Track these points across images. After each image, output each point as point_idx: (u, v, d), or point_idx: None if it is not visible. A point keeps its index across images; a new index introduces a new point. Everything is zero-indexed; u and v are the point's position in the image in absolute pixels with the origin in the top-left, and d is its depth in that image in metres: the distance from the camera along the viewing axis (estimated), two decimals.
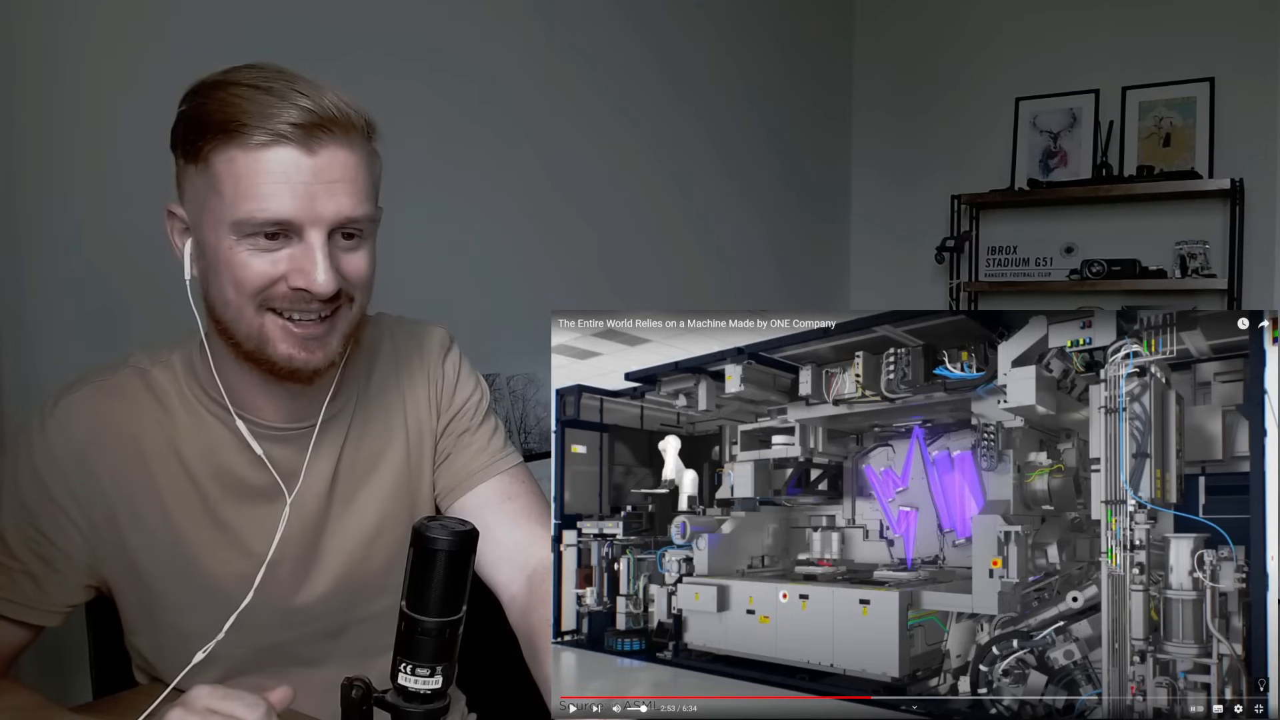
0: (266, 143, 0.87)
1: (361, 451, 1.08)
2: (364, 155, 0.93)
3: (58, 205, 1.62)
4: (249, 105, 0.87)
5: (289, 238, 0.90)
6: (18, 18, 1.57)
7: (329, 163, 0.89)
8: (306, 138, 0.88)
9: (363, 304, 0.99)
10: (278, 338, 0.93)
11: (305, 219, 0.89)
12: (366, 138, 0.94)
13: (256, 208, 0.88)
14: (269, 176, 0.88)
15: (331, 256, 0.91)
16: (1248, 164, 3.30)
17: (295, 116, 0.87)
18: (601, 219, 2.83)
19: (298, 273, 0.90)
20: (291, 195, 0.88)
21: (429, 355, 1.14)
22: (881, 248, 4.04)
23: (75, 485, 0.98)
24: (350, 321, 0.98)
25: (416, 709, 0.73)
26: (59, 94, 1.62)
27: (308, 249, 0.90)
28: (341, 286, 0.93)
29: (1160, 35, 3.47)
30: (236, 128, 0.87)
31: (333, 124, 0.89)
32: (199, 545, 1.01)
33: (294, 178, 0.88)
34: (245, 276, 0.90)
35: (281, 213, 0.88)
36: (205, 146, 0.89)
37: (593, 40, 2.76)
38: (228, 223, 0.89)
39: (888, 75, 4.01)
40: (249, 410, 1.01)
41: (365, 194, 0.93)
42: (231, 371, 0.99)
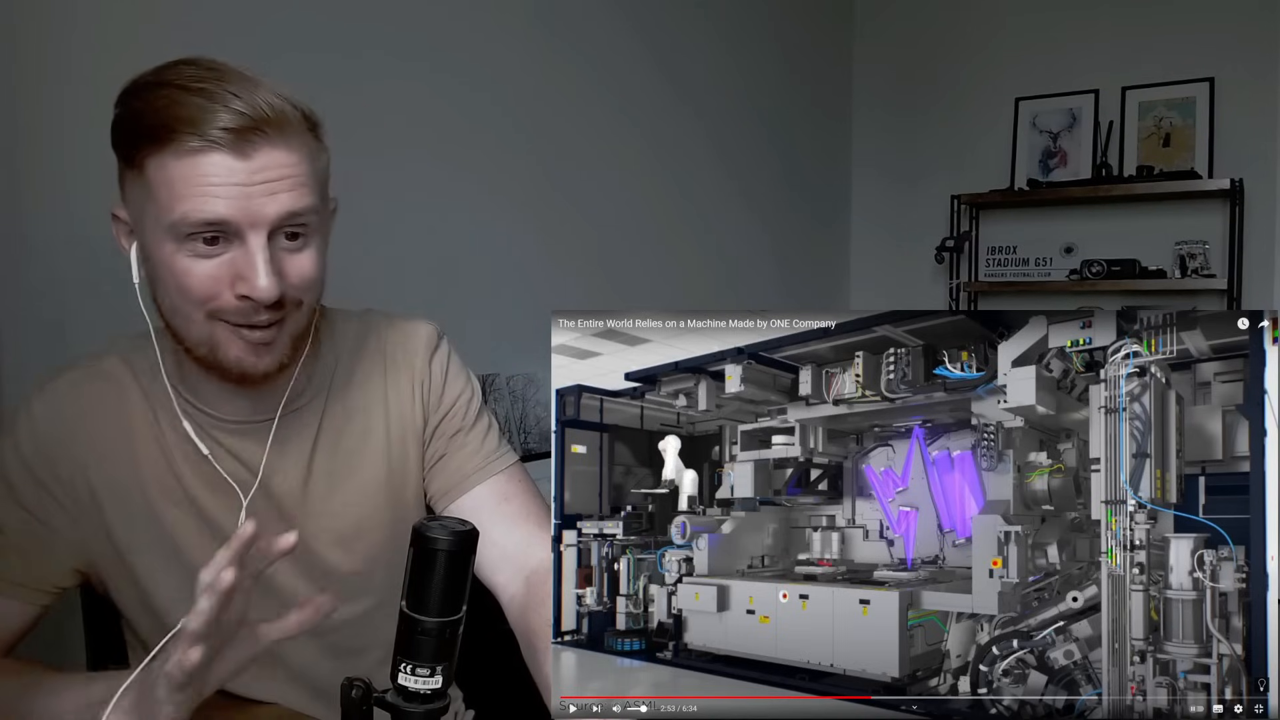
0: (198, 149, 0.85)
1: (339, 451, 1.07)
2: (304, 151, 0.91)
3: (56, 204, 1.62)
4: (179, 110, 0.86)
5: (229, 241, 0.89)
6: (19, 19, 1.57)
7: (264, 164, 0.88)
8: (239, 141, 0.86)
9: (311, 304, 0.98)
10: (227, 343, 0.93)
11: (243, 221, 0.88)
12: (308, 132, 0.93)
13: (191, 209, 0.86)
14: (202, 180, 0.86)
15: (275, 259, 0.90)
16: (1247, 164, 3.30)
17: (227, 120, 0.85)
18: (601, 219, 2.83)
19: (239, 279, 0.89)
20: (226, 197, 0.86)
21: (414, 353, 1.12)
22: (881, 248, 4.04)
23: (59, 466, 0.99)
24: (299, 323, 0.97)
25: (416, 709, 0.73)
26: (59, 95, 1.62)
27: (248, 253, 0.88)
28: (285, 291, 0.91)
29: (1160, 35, 3.47)
30: (167, 134, 0.86)
31: (266, 124, 0.87)
32: (179, 529, 1.02)
33: (228, 181, 0.86)
34: (189, 284, 0.89)
35: (215, 214, 0.87)
36: (139, 153, 0.88)
37: (593, 40, 2.76)
38: (164, 227, 0.88)
39: (888, 75, 4.01)
40: (208, 404, 1.02)
41: (306, 189, 0.91)
42: (187, 368, 1.00)
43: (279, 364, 0.96)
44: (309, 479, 1.05)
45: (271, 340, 0.94)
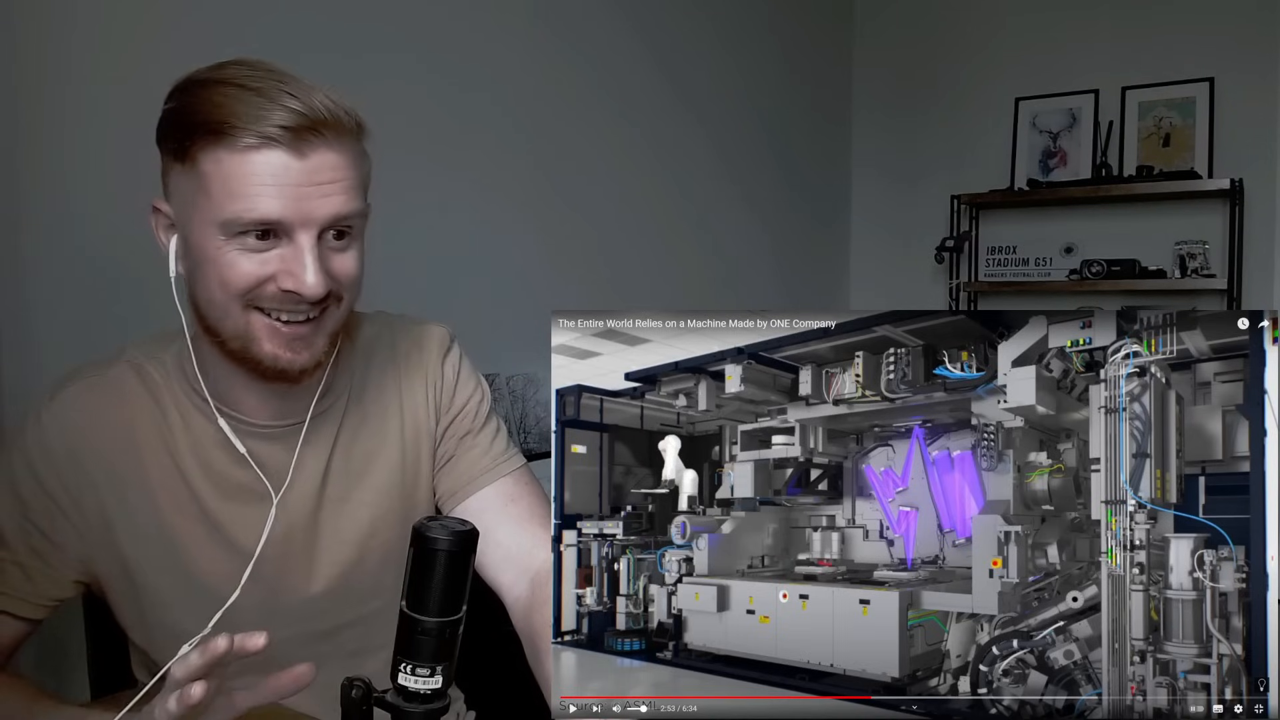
0: (255, 145, 0.86)
1: (354, 451, 1.07)
2: (353, 155, 0.93)
3: (56, 204, 1.62)
4: (237, 106, 0.86)
5: (278, 238, 0.90)
6: (20, 20, 1.57)
7: (319, 165, 0.89)
8: (296, 140, 0.87)
9: (350, 302, 0.99)
10: (264, 336, 0.93)
11: (295, 220, 0.89)
12: (356, 137, 0.94)
13: (244, 208, 0.87)
14: (257, 179, 0.87)
15: (321, 257, 0.91)
16: (1247, 164, 3.30)
17: (284, 119, 0.86)
18: (602, 219, 2.83)
19: (287, 275, 0.90)
20: (280, 197, 0.87)
21: (428, 355, 1.13)
22: (881, 248, 4.04)
23: (68, 478, 0.99)
24: (337, 320, 0.97)
25: (416, 709, 0.73)
26: (60, 93, 1.62)
27: (297, 251, 0.90)
28: (331, 288, 0.92)
29: (1160, 35, 3.47)
30: (225, 129, 0.86)
31: (322, 126, 0.88)
32: (188, 541, 1.01)
33: (283, 180, 0.87)
34: (232, 277, 0.90)
35: (270, 213, 0.88)
36: (192, 146, 0.88)
37: (593, 42, 2.76)
38: (215, 223, 0.88)
39: (887, 75, 4.01)
40: (236, 407, 1.01)
41: (355, 193, 0.93)
42: (218, 368, 0.99)
43: (315, 361, 0.96)
44: (326, 480, 1.05)
45: (309, 335, 0.94)
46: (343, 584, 1.07)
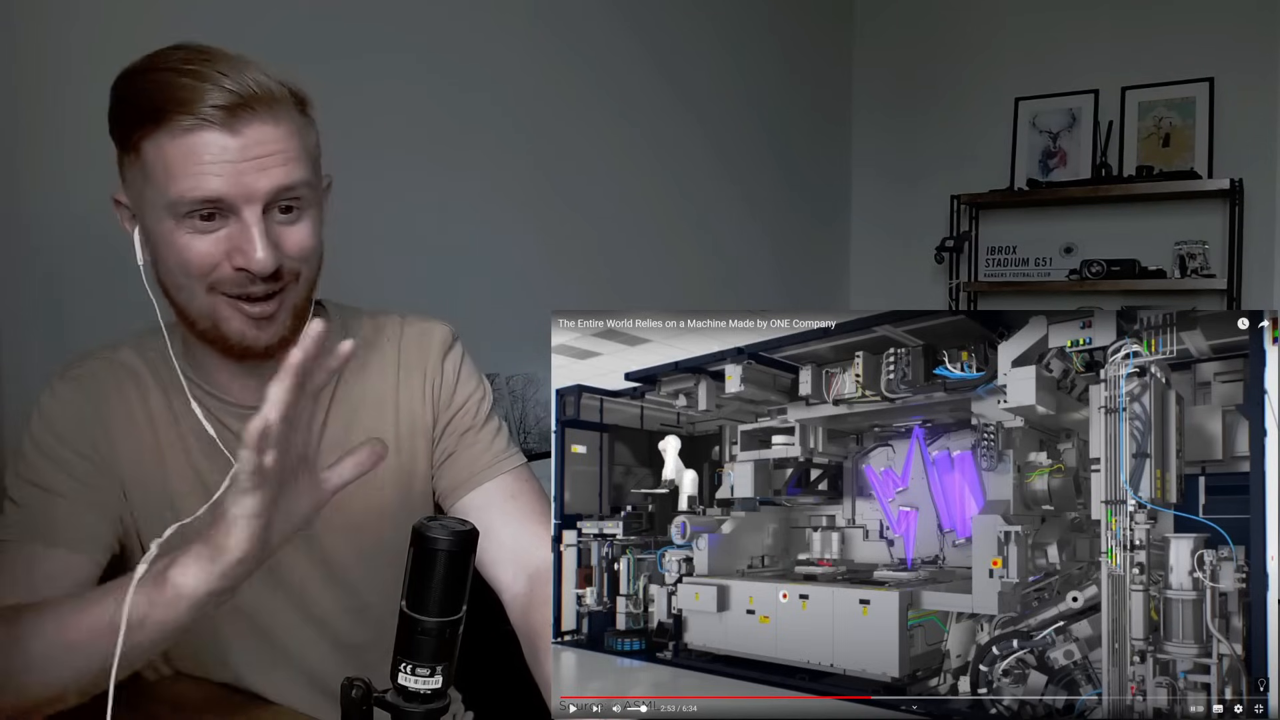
0: (191, 127, 0.88)
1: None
2: (294, 126, 0.94)
3: (57, 204, 1.62)
4: (171, 91, 0.88)
5: (225, 217, 0.92)
6: (20, 20, 1.57)
7: (255, 140, 0.90)
8: (229, 118, 0.89)
9: (311, 276, 1.00)
10: (228, 316, 0.95)
11: (237, 196, 0.90)
12: (296, 109, 0.95)
13: (187, 188, 0.89)
14: (195, 158, 0.89)
15: (270, 232, 0.92)
16: (1247, 164, 3.30)
17: (217, 98, 0.88)
18: (602, 219, 2.83)
19: (237, 252, 0.92)
20: (220, 175, 0.89)
21: (428, 353, 1.13)
22: (881, 248, 4.04)
23: (84, 443, 1.01)
24: (300, 295, 0.99)
25: (416, 709, 0.73)
26: (60, 93, 1.62)
27: (244, 227, 0.91)
28: (283, 263, 0.94)
29: (1160, 35, 3.47)
30: (162, 115, 0.89)
31: (255, 101, 0.90)
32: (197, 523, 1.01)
33: (220, 158, 0.89)
34: (189, 259, 0.92)
35: (211, 191, 0.89)
36: (135, 135, 0.91)
37: (593, 42, 2.76)
38: (163, 206, 0.91)
39: (887, 75, 4.01)
40: (219, 389, 1.04)
41: (297, 163, 0.94)
42: (197, 351, 1.02)
43: (280, 337, 0.98)
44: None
45: (272, 313, 0.96)
46: (335, 576, 1.08)
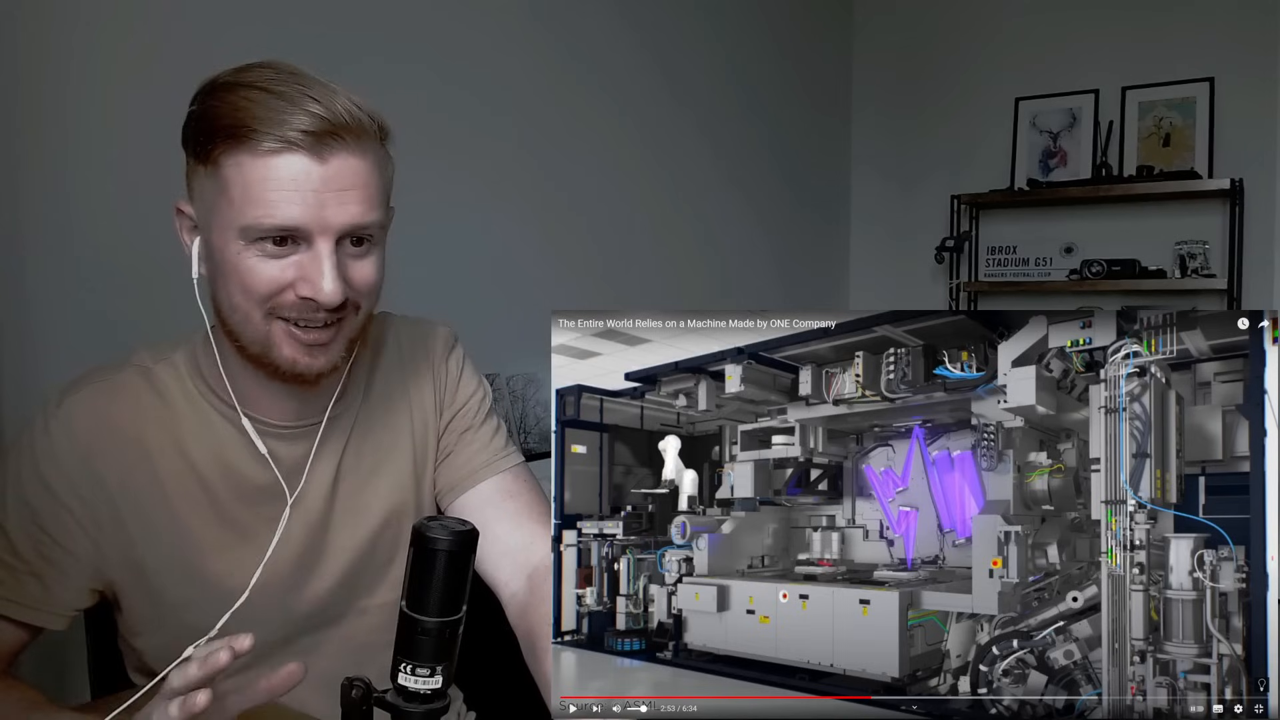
0: (276, 149, 0.86)
1: (365, 450, 1.08)
2: (375, 160, 0.92)
3: (61, 203, 1.62)
4: (259, 110, 0.86)
5: (297, 244, 0.90)
6: (21, 15, 1.57)
7: (339, 170, 0.88)
8: (317, 145, 0.87)
9: (369, 309, 0.99)
10: (283, 342, 0.93)
11: (314, 227, 0.88)
12: (379, 141, 0.93)
13: (264, 214, 0.87)
14: (278, 183, 0.87)
15: (340, 265, 0.90)
16: (1247, 164, 3.30)
17: (306, 123, 0.86)
18: (602, 219, 2.83)
19: (304, 281, 0.90)
20: (300, 203, 0.87)
21: (434, 354, 1.14)
22: (881, 248, 4.04)
23: (80, 485, 0.97)
24: (355, 327, 0.97)
25: (416, 709, 0.73)
26: (62, 91, 1.62)
27: (315, 257, 0.89)
28: (348, 296, 0.92)
29: (1160, 35, 3.47)
30: (246, 133, 0.86)
31: (344, 130, 0.88)
32: (206, 543, 1.00)
33: (303, 185, 0.87)
34: (253, 283, 0.90)
35: (289, 220, 0.87)
36: (214, 149, 0.88)
37: (593, 42, 2.76)
38: (235, 228, 0.88)
39: (887, 75, 4.01)
40: (254, 408, 1.01)
41: (376, 200, 0.92)
42: (236, 369, 0.99)
43: (332, 365, 0.97)
44: (338, 479, 1.06)
45: (328, 341, 0.94)
46: (352, 578, 1.07)
